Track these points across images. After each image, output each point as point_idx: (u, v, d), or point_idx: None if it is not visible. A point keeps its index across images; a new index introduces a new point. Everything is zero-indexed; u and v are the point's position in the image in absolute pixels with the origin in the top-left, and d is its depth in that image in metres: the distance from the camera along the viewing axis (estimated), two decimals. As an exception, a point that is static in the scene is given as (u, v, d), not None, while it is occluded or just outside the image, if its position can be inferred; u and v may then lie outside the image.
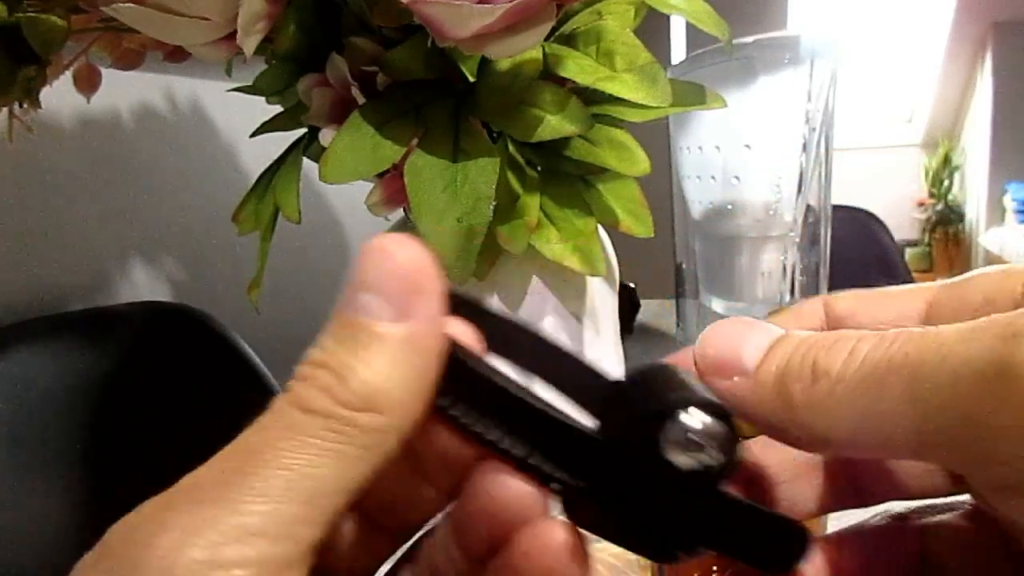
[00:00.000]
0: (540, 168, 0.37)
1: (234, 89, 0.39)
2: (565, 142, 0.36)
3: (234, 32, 0.29)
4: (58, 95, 0.38)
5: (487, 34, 0.27)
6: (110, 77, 0.43)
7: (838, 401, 0.14)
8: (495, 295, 0.39)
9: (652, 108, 0.34)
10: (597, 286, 0.42)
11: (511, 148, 0.36)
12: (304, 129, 0.37)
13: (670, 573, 0.29)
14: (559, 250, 0.35)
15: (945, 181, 3.14)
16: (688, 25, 0.40)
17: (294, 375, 0.14)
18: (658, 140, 0.49)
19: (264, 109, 0.39)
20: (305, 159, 0.37)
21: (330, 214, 0.82)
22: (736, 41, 0.39)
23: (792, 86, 0.48)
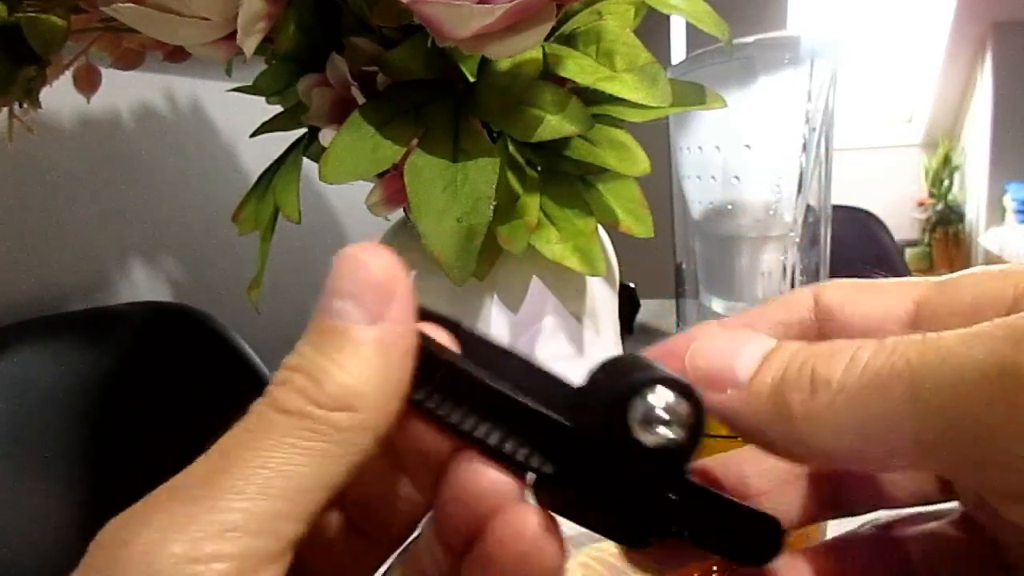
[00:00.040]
0: (540, 168, 0.37)
1: (234, 89, 0.39)
2: (565, 142, 0.36)
3: (234, 32, 0.29)
4: (58, 95, 0.38)
5: (487, 34, 0.27)
6: (110, 77, 0.43)
7: (839, 411, 0.14)
8: (495, 295, 0.39)
9: (652, 108, 0.34)
10: (597, 286, 0.42)
11: (511, 148, 0.36)
12: (304, 129, 0.37)
13: (669, 571, 0.29)
14: (559, 250, 0.35)
15: (945, 181, 3.15)
16: (688, 25, 0.40)
17: (272, 380, 0.15)
18: (658, 140, 0.49)
19: (264, 109, 0.39)
20: (305, 159, 0.37)
21: (330, 214, 0.82)
22: (736, 41, 0.39)
23: (792, 86, 0.48)
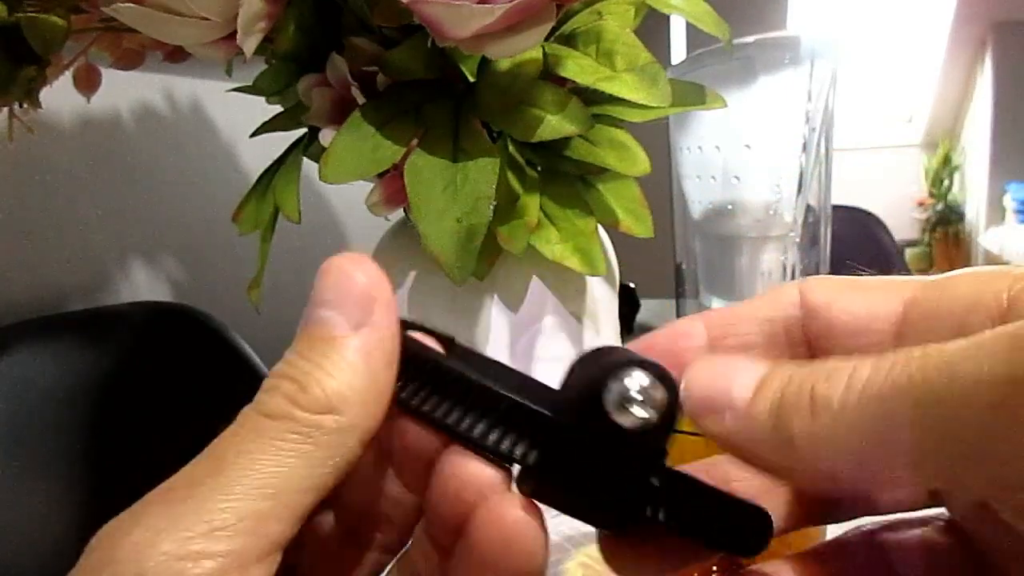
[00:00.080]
0: (540, 168, 0.37)
1: (234, 89, 0.39)
2: (565, 142, 0.36)
3: (234, 32, 0.29)
4: (58, 95, 0.38)
5: (487, 34, 0.27)
6: (110, 77, 0.43)
7: (842, 432, 0.13)
8: (495, 295, 0.39)
9: (652, 108, 0.34)
10: (597, 286, 0.42)
11: (511, 148, 0.36)
12: (304, 129, 0.37)
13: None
14: (559, 250, 0.35)
15: (945, 181, 3.14)
16: (688, 25, 0.40)
17: (261, 388, 0.15)
18: (658, 140, 0.49)
19: (264, 109, 0.39)
20: (305, 159, 0.37)
21: (330, 214, 0.82)
22: (736, 41, 0.39)
23: (792, 86, 0.48)
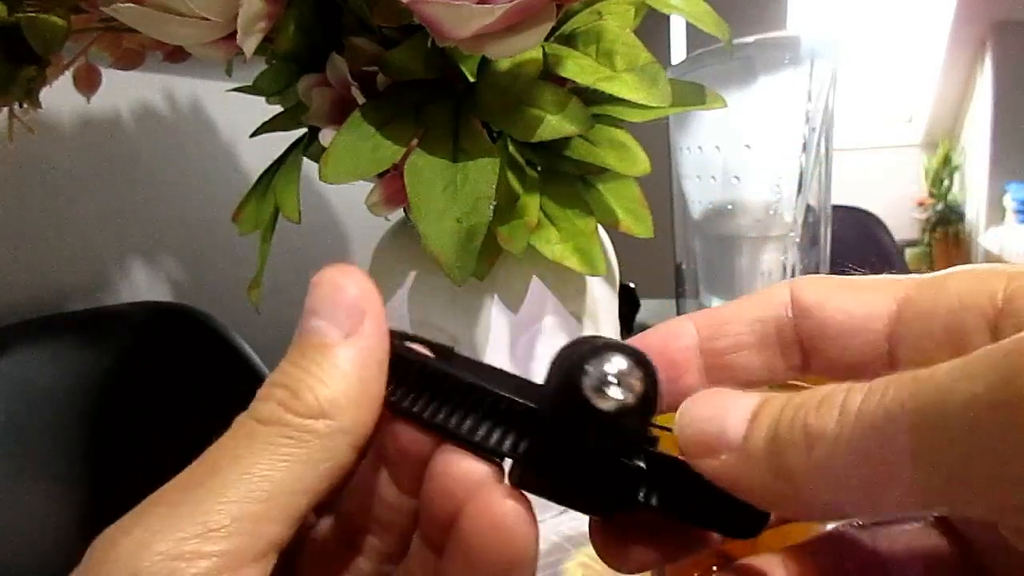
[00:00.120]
0: (540, 168, 0.37)
1: (234, 89, 0.39)
2: (565, 142, 0.36)
3: (234, 32, 0.29)
4: (58, 95, 0.38)
5: (487, 34, 0.27)
6: (110, 77, 0.43)
7: (838, 465, 0.13)
8: (495, 295, 0.39)
9: (652, 108, 0.34)
10: (597, 286, 0.42)
11: (511, 148, 0.36)
12: (304, 129, 0.37)
13: (670, 572, 0.29)
14: (559, 250, 0.35)
15: (945, 181, 3.14)
16: (688, 25, 0.40)
17: (256, 396, 0.16)
18: (658, 140, 0.49)
19: (264, 109, 0.39)
20: (305, 159, 0.37)
21: (330, 214, 0.82)
22: (736, 41, 0.39)
23: (792, 86, 0.48)
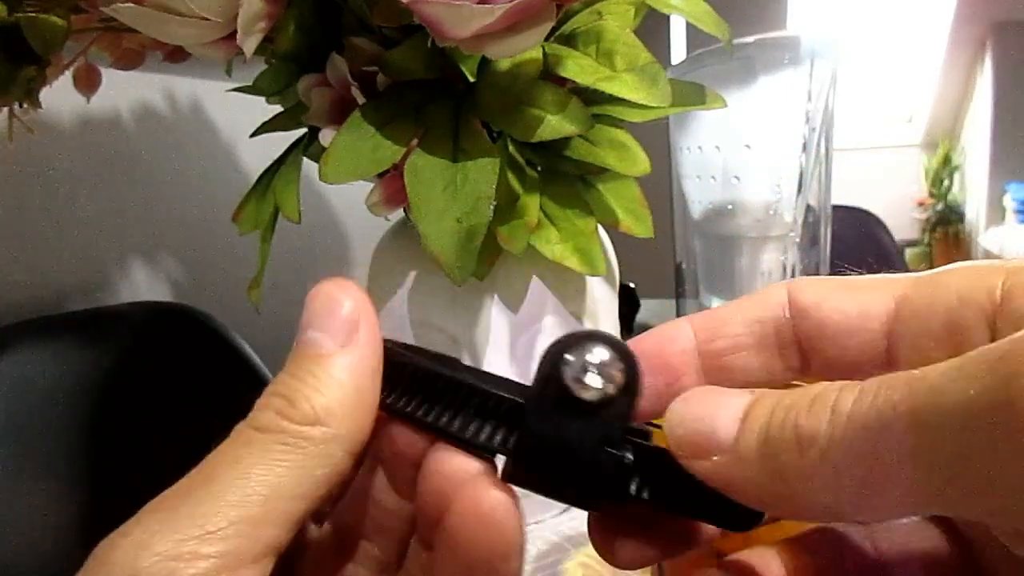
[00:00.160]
0: (540, 168, 0.37)
1: (234, 89, 0.39)
2: (565, 142, 0.36)
3: (234, 32, 0.29)
4: (58, 95, 0.38)
5: (487, 34, 0.27)
6: (110, 77, 0.43)
7: (830, 466, 0.13)
8: (495, 295, 0.39)
9: (652, 108, 0.34)
10: (597, 286, 0.42)
11: (511, 148, 0.36)
12: (304, 129, 0.37)
13: (670, 570, 0.29)
14: (559, 250, 0.35)
15: (945, 181, 3.14)
16: (688, 25, 0.40)
17: (254, 406, 0.16)
18: (658, 140, 0.49)
19: (264, 109, 0.39)
20: (305, 159, 0.37)
21: (330, 214, 0.82)
22: (736, 41, 0.39)
23: (792, 86, 0.48)
